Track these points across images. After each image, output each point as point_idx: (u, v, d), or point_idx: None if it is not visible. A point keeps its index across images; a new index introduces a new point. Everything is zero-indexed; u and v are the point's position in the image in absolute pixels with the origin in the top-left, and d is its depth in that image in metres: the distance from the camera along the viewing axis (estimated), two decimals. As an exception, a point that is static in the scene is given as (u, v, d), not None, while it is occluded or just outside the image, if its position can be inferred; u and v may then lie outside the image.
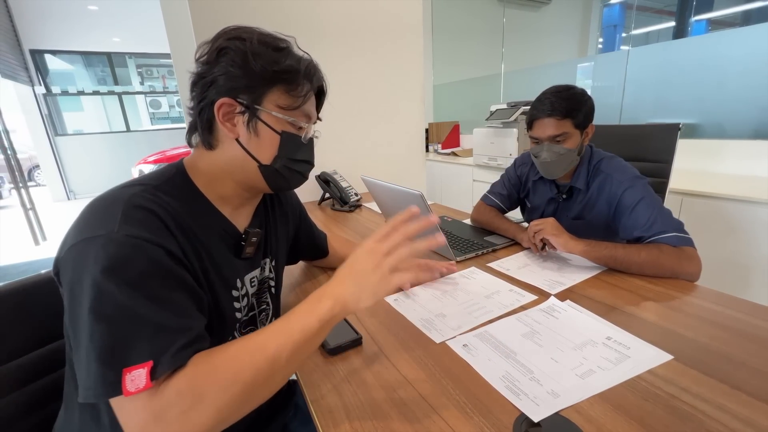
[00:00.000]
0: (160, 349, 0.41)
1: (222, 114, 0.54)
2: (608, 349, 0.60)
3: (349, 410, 0.51)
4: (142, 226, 0.45)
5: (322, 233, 0.97)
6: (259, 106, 0.55)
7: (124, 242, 0.43)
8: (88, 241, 0.43)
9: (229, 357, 0.43)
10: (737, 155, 1.95)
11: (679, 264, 0.82)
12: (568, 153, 1.00)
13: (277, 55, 0.55)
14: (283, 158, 0.59)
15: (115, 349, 0.40)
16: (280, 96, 0.56)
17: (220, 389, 0.41)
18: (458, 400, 0.52)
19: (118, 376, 0.39)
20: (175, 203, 0.51)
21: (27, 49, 5.58)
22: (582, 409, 0.49)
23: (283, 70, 0.55)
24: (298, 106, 0.57)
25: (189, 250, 0.50)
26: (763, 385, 0.51)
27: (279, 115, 0.56)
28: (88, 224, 0.45)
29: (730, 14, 5.30)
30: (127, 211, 0.45)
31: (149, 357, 0.40)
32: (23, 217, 3.88)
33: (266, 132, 0.56)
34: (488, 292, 0.81)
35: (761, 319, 0.66)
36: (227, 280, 0.58)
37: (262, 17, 1.60)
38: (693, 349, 0.59)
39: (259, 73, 0.53)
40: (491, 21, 4.38)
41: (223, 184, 0.58)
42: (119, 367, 0.39)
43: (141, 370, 0.39)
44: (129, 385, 0.39)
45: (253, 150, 0.57)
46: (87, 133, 6.51)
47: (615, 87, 2.62)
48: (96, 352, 0.40)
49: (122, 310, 0.41)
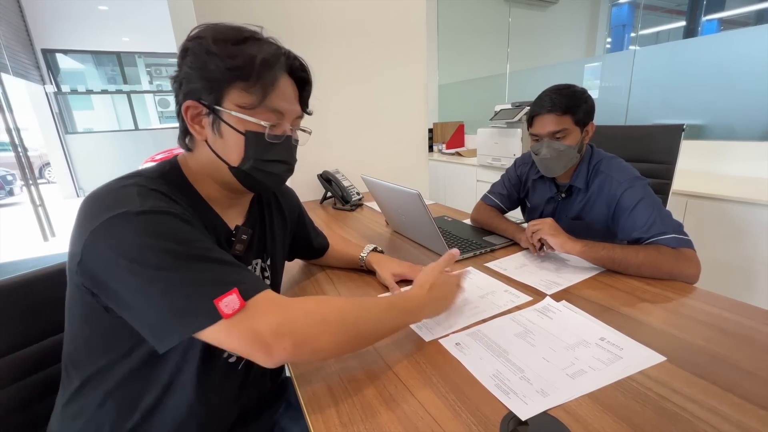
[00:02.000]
0: (237, 277, 0.46)
1: (190, 117, 0.54)
2: (601, 349, 0.60)
3: (339, 406, 0.52)
4: (160, 200, 0.48)
5: (321, 234, 0.97)
6: (219, 107, 0.53)
7: (154, 210, 0.46)
8: (117, 218, 0.44)
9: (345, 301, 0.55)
10: (745, 157, 1.93)
11: (677, 265, 0.82)
12: (567, 150, 1.00)
13: (234, 50, 0.52)
14: (251, 159, 0.56)
15: (198, 286, 0.44)
16: (239, 94, 0.53)
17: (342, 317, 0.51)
18: (447, 397, 0.52)
19: (212, 305, 0.43)
20: (173, 195, 0.52)
21: (39, 48, 5.69)
22: (570, 408, 0.49)
23: (237, 66, 0.51)
24: (258, 104, 0.53)
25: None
26: (755, 388, 0.50)
27: (240, 115, 0.53)
28: (104, 208, 0.45)
29: (742, 14, 5.21)
30: (141, 191, 0.48)
31: (232, 285, 0.44)
32: (33, 213, 3.95)
33: (230, 133, 0.54)
34: (483, 293, 0.81)
35: (758, 322, 0.65)
36: None
37: (265, 17, 1.61)
38: (687, 351, 0.59)
39: (215, 72, 0.51)
40: (497, 21, 4.36)
41: (208, 184, 0.59)
42: (210, 299, 0.43)
43: (231, 296, 0.44)
44: (225, 309, 0.43)
45: (220, 152, 0.56)
46: (97, 132, 6.61)
47: (621, 87, 2.59)
48: (180, 295, 0.43)
49: (185, 258, 0.44)
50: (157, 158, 5.05)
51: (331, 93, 1.83)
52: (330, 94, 1.83)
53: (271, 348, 0.45)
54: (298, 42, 1.70)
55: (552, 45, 4.82)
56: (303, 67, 0.60)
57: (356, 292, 0.86)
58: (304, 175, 1.80)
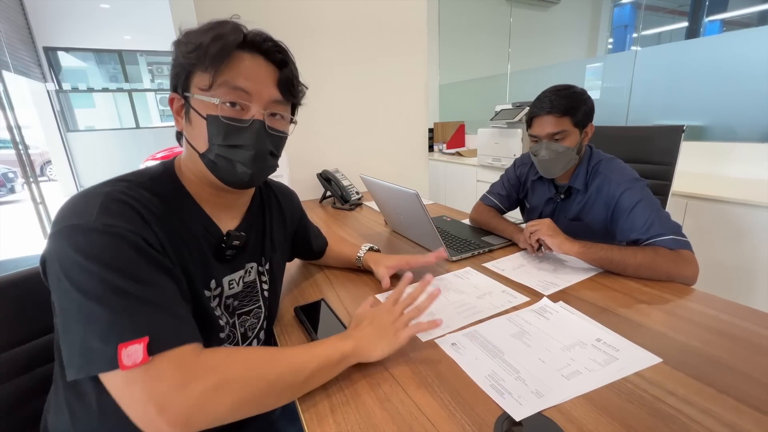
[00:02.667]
0: (154, 326, 0.42)
1: (175, 110, 0.57)
2: (597, 350, 0.60)
3: (335, 406, 0.52)
4: (120, 217, 0.46)
5: (321, 235, 0.97)
6: (188, 93, 0.55)
7: (103, 230, 0.44)
8: (68, 229, 0.44)
9: (260, 357, 0.49)
10: (747, 158, 1.92)
11: (675, 267, 0.81)
12: (566, 151, 1.00)
13: (198, 35, 0.52)
14: (214, 145, 0.54)
15: (109, 325, 0.41)
16: (199, 78, 0.53)
17: (248, 379, 0.45)
18: (442, 397, 0.52)
19: (114, 351, 0.40)
20: (156, 201, 0.52)
21: (40, 46, 5.69)
22: (565, 409, 0.49)
23: (193, 49, 0.52)
24: (210, 83, 0.52)
25: (167, 245, 0.51)
26: (750, 390, 0.50)
27: (201, 97, 0.53)
28: (66, 215, 0.46)
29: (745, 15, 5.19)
30: (105, 202, 0.46)
31: (144, 333, 0.41)
32: (34, 211, 3.96)
33: (196, 119, 0.55)
34: (480, 293, 0.81)
35: (755, 325, 0.65)
36: (202, 279, 0.58)
37: (266, 16, 1.61)
38: (683, 353, 0.59)
39: (179, 61, 0.53)
40: (498, 20, 4.36)
41: (197, 184, 0.59)
42: (115, 343, 0.40)
43: (137, 345, 0.40)
44: (125, 360, 0.40)
45: (191, 139, 0.57)
46: (98, 130, 6.62)
47: (622, 88, 2.59)
48: (90, 328, 0.41)
49: (113, 291, 0.42)
50: (158, 156, 5.06)
51: (331, 92, 1.83)
52: (330, 93, 1.83)
53: (161, 422, 0.40)
54: (299, 40, 1.70)
55: (553, 45, 4.81)
56: (276, 47, 0.56)
57: (354, 292, 0.86)
58: (303, 174, 1.80)
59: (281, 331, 0.72)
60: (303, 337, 0.69)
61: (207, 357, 0.45)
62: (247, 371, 0.46)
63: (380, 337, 0.58)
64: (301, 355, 0.51)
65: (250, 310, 0.68)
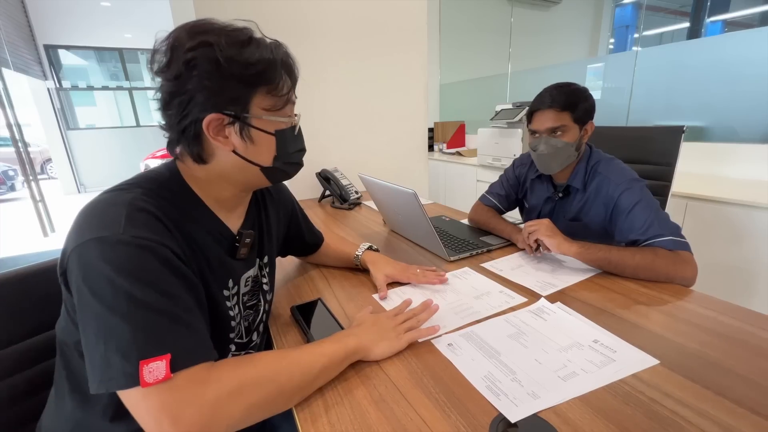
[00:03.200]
0: (177, 343, 0.43)
1: (212, 130, 0.52)
2: (594, 352, 0.60)
3: (329, 406, 0.51)
4: (146, 227, 0.46)
5: (315, 230, 0.96)
6: (248, 114, 0.53)
7: (131, 242, 0.44)
8: (95, 241, 0.44)
9: (268, 361, 0.50)
10: (747, 159, 1.91)
11: (674, 268, 0.81)
12: (565, 147, 0.99)
13: (248, 52, 0.51)
14: (282, 156, 0.58)
15: (134, 342, 0.41)
16: (264, 98, 0.54)
17: (258, 386, 0.47)
18: (437, 398, 0.52)
19: (136, 368, 0.40)
20: (170, 207, 0.52)
21: (41, 44, 5.69)
22: (561, 411, 0.48)
23: (261, 71, 0.51)
24: (284, 103, 0.56)
25: (187, 251, 0.52)
26: (747, 393, 0.50)
27: (270, 118, 0.55)
28: (91, 226, 0.45)
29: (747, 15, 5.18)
30: (130, 213, 0.46)
31: (167, 350, 0.42)
32: (33, 209, 3.96)
33: (261, 137, 0.55)
34: (478, 293, 0.81)
35: (753, 326, 0.65)
36: (220, 280, 0.59)
37: (265, 15, 1.61)
38: (680, 355, 0.58)
39: (239, 80, 0.51)
40: (499, 20, 4.35)
41: (220, 188, 0.59)
42: (137, 359, 0.40)
43: (160, 362, 0.41)
44: (147, 376, 0.40)
45: (251, 157, 0.56)
46: (98, 128, 6.62)
47: (623, 88, 2.58)
48: (114, 344, 0.41)
49: (138, 306, 0.42)
50: (158, 155, 5.06)
51: (331, 91, 1.83)
52: (330, 92, 1.83)
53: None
54: (298, 39, 1.70)
55: (554, 45, 4.80)
56: (293, 58, 0.59)
57: (351, 291, 0.86)
58: (302, 173, 1.76)
59: (277, 330, 0.72)
60: (299, 336, 0.69)
61: (218, 369, 0.46)
62: (257, 376, 0.47)
63: (382, 338, 0.61)
64: (308, 355, 0.53)
65: (253, 304, 0.69)
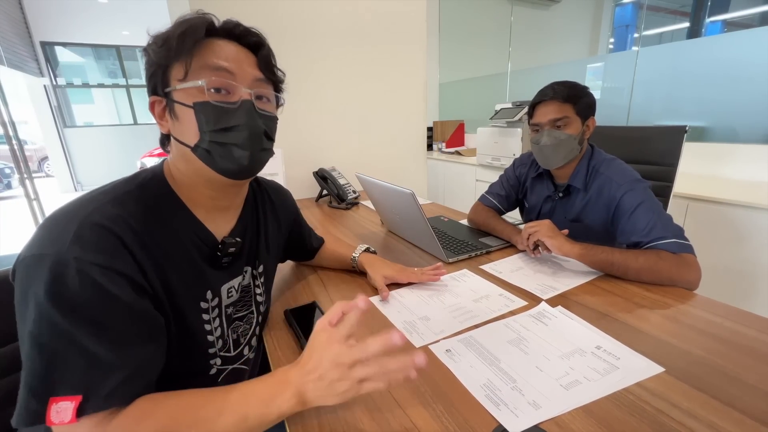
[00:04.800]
0: (92, 384, 0.40)
1: (157, 114, 0.55)
2: (597, 359, 0.58)
3: (321, 414, 0.49)
4: (92, 248, 0.42)
5: (315, 235, 0.95)
6: (168, 87, 0.52)
7: (70, 265, 0.41)
8: (37, 258, 0.41)
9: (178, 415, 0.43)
10: (748, 160, 1.90)
11: (677, 271, 0.79)
12: (568, 139, 0.98)
13: (167, 33, 0.51)
14: (205, 133, 0.51)
15: (46, 377, 0.39)
16: (175, 70, 0.52)
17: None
18: (434, 407, 0.50)
19: (43, 406, 0.38)
20: (141, 213, 0.49)
21: (37, 41, 5.64)
22: (563, 422, 0.46)
23: (163, 42, 0.51)
24: (186, 69, 0.50)
25: (149, 267, 0.48)
26: (756, 403, 0.48)
27: (184, 86, 0.51)
28: (41, 239, 0.43)
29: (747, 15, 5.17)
30: (80, 230, 0.43)
31: (79, 391, 0.39)
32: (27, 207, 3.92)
33: (181, 111, 0.52)
34: (477, 296, 0.79)
35: (761, 332, 0.63)
36: (196, 292, 0.55)
37: (264, 14, 1.58)
38: (686, 362, 0.56)
39: (153, 60, 0.52)
40: (499, 19, 4.32)
41: (191, 188, 0.56)
42: (47, 396, 0.38)
43: (68, 403, 0.38)
44: (54, 416, 0.38)
45: (179, 135, 0.53)
46: (96, 126, 6.58)
47: (624, 87, 2.56)
48: (28, 377, 0.39)
49: (59, 338, 0.40)
50: (155, 153, 5.03)
51: (328, 90, 1.80)
52: (328, 91, 1.80)
53: None
54: (297, 38, 1.68)
55: (554, 44, 4.78)
56: (249, 31, 0.55)
57: (348, 295, 0.84)
58: (299, 173, 1.78)
59: (270, 335, 0.70)
60: (292, 341, 0.67)
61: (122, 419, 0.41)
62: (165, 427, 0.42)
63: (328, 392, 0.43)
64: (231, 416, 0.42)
65: (243, 315, 0.66)
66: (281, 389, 0.44)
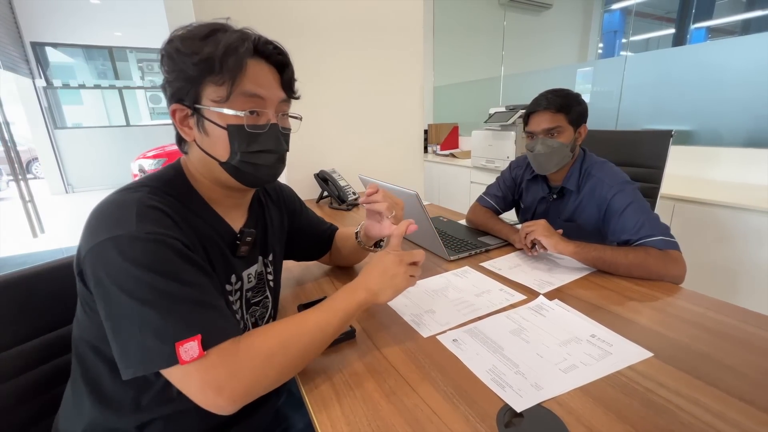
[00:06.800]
0: (204, 323, 0.46)
1: (178, 120, 0.56)
2: (592, 346, 0.63)
3: (341, 397, 0.53)
4: (156, 223, 0.49)
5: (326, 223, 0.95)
6: (199, 105, 0.54)
7: (146, 238, 0.46)
8: (111, 240, 0.46)
9: (290, 327, 0.54)
10: (731, 163, 1.99)
11: (664, 266, 0.85)
12: (560, 147, 1.03)
13: (200, 44, 0.52)
14: (237, 153, 0.56)
15: (166, 327, 0.44)
16: (212, 89, 0.53)
17: (286, 350, 0.51)
18: (445, 390, 0.54)
19: (172, 349, 0.44)
20: (176, 204, 0.54)
21: (28, 41, 5.57)
22: (563, 401, 0.51)
23: (202, 60, 0.51)
24: (229, 93, 0.53)
25: (197, 244, 0.54)
26: (736, 382, 0.53)
27: (217, 109, 0.53)
28: (104, 226, 0.47)
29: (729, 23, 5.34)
30: (140, 210, 0.49)
31: (197, 331, 0.45)
32: (21, 209, 3.88)
33: (213, 129, 0.55)
34: (479, 291, 0.83)
35: (740, 321, 0.68)
36: (222, 275, 0.61)
37: (262, 16, 1.61)
38: (673, 348, 0.62)
39: (185, 72, 0.52)
40: (492, 24, 4.41)
41: (207, 186, 0.60)
42: (172, 342, 0.44)
43: (192, 343, 0.44)
44: (184, 355, 0.44)
45: (208, 149, 0.56)
46: (86, 127, 6.50)
47: (613, 92, 2.64)
48: (146, 331, 0.44)
49: (162, 295, 0.45)
50: (149, 155, 4.99)
51: (328, 93, 1.84)
52: (327, 94, 1.84)
53: (221, 401, 0.46)
54: (295, 41, 1.71)
55: (546, 49, 4.89)
56: (278, 50, 0.57)
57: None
58: (300, 175, 1.81)
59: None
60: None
61: (247, 342, 0.49)
62: (283, 344, 0.51)
63: (387, 284, 0.61)
64: (324, 315, 0.56)
65: (259, 300, 0.71)
66: (353, 289, 0.61)
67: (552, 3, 4.72)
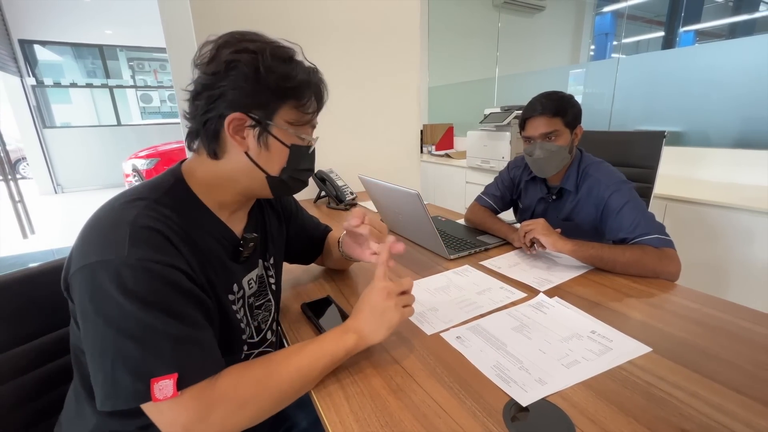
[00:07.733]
0: (182, 362, 0.45)
1: (232, 128, 0.54)
2: (592, 341, 0.64)
3: (349, 395, 0.54)
4: (150, 247, 0.47)
5: (322, 225, 0.95)
6: (270, 122, 0.56)
7: (136, 265, 0.45)
8: (101, 264, 0.45)
9: (271, 369, 0.52)
10: (720, 163, 2.03)
11: (660, 264, 0.87)
12: (559, 150, 1.05)
13: (288, 68, 0.55)
14: (290, 169, 0.60)
15: (143, 361, 0.44)
16: (290, 111, 0.57)
17: (261, 397, 0.50)
18: (451, 386, 0.55)
19: (146, 386, 0.43)
20: (175, 216, 0.52)
21: (16, 39, 5.48)
22: (567, 395, 0.52)
23: (295, 86, 0.56)
24: (307, 121, 0.59)
25: (194, 262, 0.52)
26: (733, 375, 0.55)
27: (290, 131, 0.58)
28: (96, 246, 0.46)
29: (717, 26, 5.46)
30: (133, 233, 0.46)
31: (174, 369, 0.44)
32: (11, 210, 3.81)
33: (276, 146, 0.58)
34: (480, 289, 0.84)
35: (734, 316, 0.70)
36: (225, 285, 0.59)
37: (261, 16, 1.61)
38: (670, 343, 0.63)
39: (272, 89, 0.54)
40: (487, 25, 4.45)
41: (224, 191, 0.60)
42: (147, 378, 0.43)
43: (167, 381, 0.44)
44: (157, 393, 0.43)
45: (262, 162, 0.58)
46: (76, 126, 6.40)
47: (605, 94, 2.68)
48: (123, 364, 0.43)
49: (145, 327, 0.44)
50: (141, 155, 4.93)
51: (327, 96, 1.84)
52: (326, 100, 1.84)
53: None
54: (293, 41, 1.71)
55: (539, 50, 4.95)
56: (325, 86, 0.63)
57: (359, 288, 0.88)
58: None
59: (289, 327, 0.74)
60: (311, 332, 0.71)
61: (223, 386, 0.48)
62: (260, 388, 0.50)
63: (380, 324, 0.58)
64: (308, 358, 0.54)
65: (261, 304, 0.70)
66: (343, 331, 0.58)
67: (545, 5, 4.77)
